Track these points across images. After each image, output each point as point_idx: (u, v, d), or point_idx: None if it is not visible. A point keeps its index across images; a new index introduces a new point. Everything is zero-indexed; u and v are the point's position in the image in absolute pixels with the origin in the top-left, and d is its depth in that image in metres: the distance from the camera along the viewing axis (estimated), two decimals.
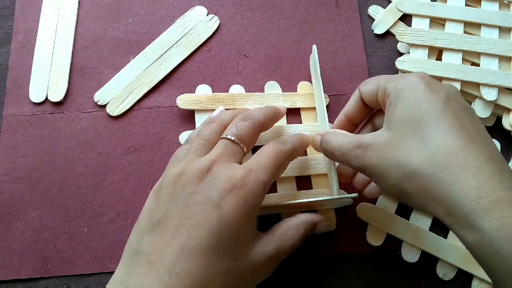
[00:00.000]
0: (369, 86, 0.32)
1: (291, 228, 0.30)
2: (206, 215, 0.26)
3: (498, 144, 0.39)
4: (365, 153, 0.28)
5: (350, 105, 0.34)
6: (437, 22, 0.42)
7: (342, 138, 0.30)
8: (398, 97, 0.28)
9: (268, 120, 0.33)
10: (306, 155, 0.38)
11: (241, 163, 0.30)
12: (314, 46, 0.38)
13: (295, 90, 0.41)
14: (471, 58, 0.40)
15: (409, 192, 0.26)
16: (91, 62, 0.41)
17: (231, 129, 0.31)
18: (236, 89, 0.40)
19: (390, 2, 0.44)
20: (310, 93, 0.40)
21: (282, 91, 0.40)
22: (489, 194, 0.23)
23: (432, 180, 0.25)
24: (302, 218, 0.31)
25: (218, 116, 0.33)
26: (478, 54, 0.40)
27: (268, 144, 0.31)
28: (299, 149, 0.32)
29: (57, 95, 0.40)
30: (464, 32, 0.41)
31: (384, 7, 0.44)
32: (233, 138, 0.30)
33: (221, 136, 0.30)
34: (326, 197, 0.33)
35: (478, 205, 0.23)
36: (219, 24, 0.43)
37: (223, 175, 0.27)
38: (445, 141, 0.25)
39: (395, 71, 0.41)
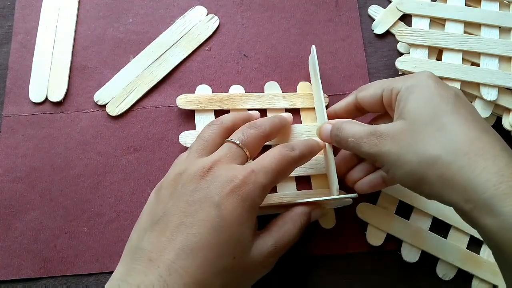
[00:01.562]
0: (369, 91, 0.33)
1: (287, 222, 0.30)
2: (206, 213, 0.26)
3: None
4: (380, 140, 0.28)
5: (341, 106, 0.35)
6: (437, 22, 0.42)
7: (356, 126, 0.31)
8: (410, 92, 0.29)
9: (274, 130, 0.33)
10: None
11: None
12: (313, 47, 0.38)
13: (295, 90, 0.41)
14: (471, 58, 0.40)
15: (426, 179, 0.26)
16: (91, 62, 0.41)
17: (237, 134, 0.31)
18: (236, 89, 0.40)
19: (390, 2, 0.44)
20: (310, 93, 0.40)
21: (282, 91, 0.40)
22: (509, 180, 0.24)
23: (452, 166, 0.25)
24: (297, 211, 0.31)
25: (219, 118, 0.33)
26: (478, 54, 0.40)
27: (276, 147, 0.31)
28: (307, 156, 0.32)
29: (57, 95, 0.40)
30: (464, 32, 0.41)
31: (384, 7, 0.44)
32: (238, 142, 0.30)
33: (226, 139, 0.31)
34: (326, 197, 0.33)
35: (498, 189, 0.23)
36: (219, 24, 0.43)
37: (224, 175, 0.27)
38: (462, 130, 0.26)
39: (395, 71, 0.41)
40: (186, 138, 0.38)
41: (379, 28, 0.43)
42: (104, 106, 0.40)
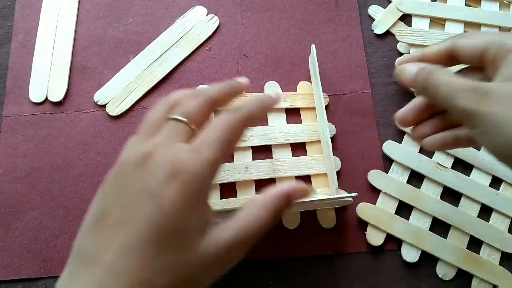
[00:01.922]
0: (473, 40, 0.29)
1: (256, 207, 0.26)
2: (145, 205, 0.23)
3: None
4: (483, 98, 0.25)
5: (432, 51, 0.31)
6: (437, 22, 0.42)
7: (453, 76, 0.27)
8: None
9: (223, 94, 0.30)
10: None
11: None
12: (313, 46, 0.38)
13: (295, 90, 0.41)
14: None
15: None
16: (91, 62, 0.41)
17: (177, 108, 0.27)
18: None
19: (390, 2, 0.44)
20: (310, 93, 0.40)
21: (282, 91, 0.40)
22: None
23: None
24: (271, 193, 0.27)
25: (167, 96, 0.29)
26: None
27: (219, 115, 0.27)
28: (257, 113, 0.29)
29: (57, 95, 0.40)
30: (464, 32, 0.41)
31: (384, 7, 0.44)
32: (178, 117, 0.27)
33: (166, 116, 0.27)
34: (326, 197, 0.33)
35: None
36: (219, 24, 0.43)
37: (165, 160, 0.24)
38: None
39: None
40: None
41: (379, 28, 0.43)
42: (104, 106, 0.40)
